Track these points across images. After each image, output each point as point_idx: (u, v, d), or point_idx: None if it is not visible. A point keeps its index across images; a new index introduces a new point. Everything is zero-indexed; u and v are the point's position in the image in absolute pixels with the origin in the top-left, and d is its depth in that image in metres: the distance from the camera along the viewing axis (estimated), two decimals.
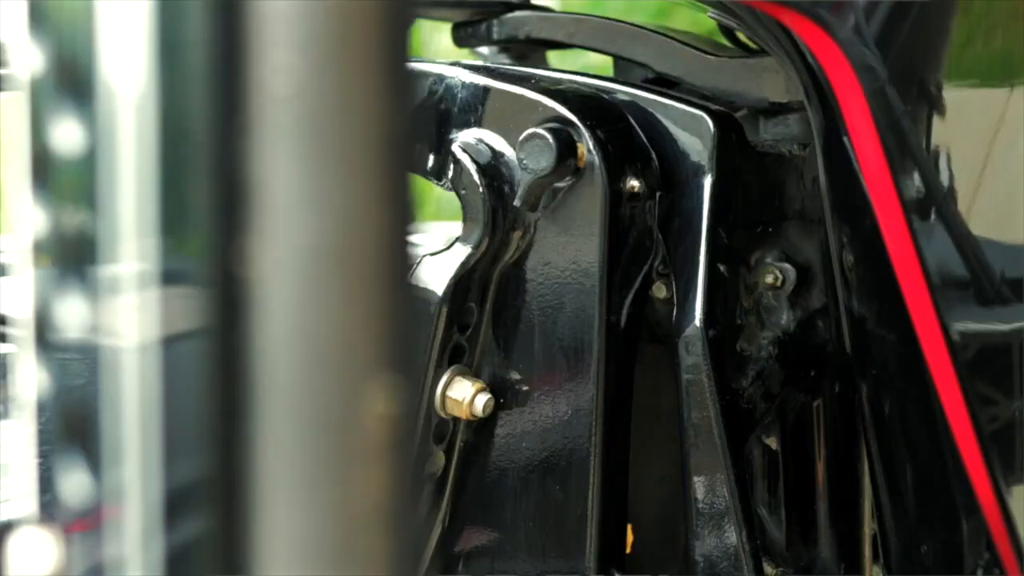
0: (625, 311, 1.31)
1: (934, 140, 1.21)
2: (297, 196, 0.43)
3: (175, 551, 0.46)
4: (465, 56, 1.65)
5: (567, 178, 1.23)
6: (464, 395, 1.27)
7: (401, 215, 0.44)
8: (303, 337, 0.43)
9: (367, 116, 0.43)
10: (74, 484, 0.50)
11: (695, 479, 1.26)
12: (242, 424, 0.44)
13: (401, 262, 0.44)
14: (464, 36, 1.60)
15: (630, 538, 1.41)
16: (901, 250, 1.17)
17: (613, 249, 1.25)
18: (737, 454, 1.26)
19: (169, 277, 0.47)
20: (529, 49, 1.64)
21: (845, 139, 1.18)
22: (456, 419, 1.31)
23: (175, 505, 0.46)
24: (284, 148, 0.43)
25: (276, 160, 0.43)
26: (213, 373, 0.44)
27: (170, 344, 0.47)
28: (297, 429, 0.43)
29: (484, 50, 1.68)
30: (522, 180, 1.23)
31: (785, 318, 1.33)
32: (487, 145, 1.27)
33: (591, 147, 1.23)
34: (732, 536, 1.25)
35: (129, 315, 0.47)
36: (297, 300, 0.43)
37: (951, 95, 1.22)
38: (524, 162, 1.22)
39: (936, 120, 1.21)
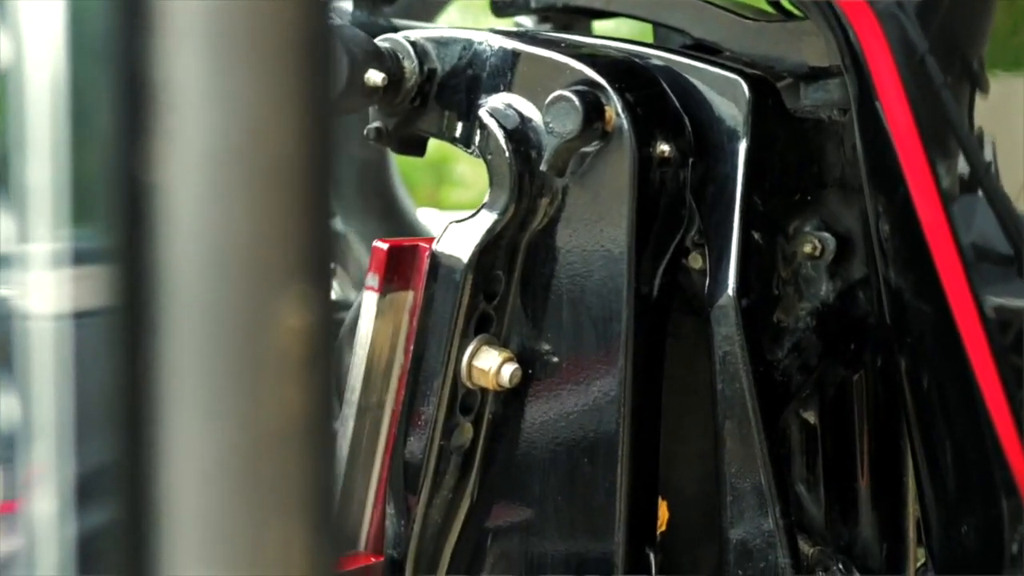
0: (657, 281, 1.28)
1: (975, 115, 1.17)
2: (204, 95, 0.41)
3: (85, 477, 0.44)
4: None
5: (594, 142, 1.20)
6: (491, 365, 1.24)
7: (317, 117, 0.42)
8: (210, 244, 0.40)
9: (280, 11, 0.41)
10: None
11: (728, 453, 1.23)
12: (147, 339, 0.41)
13: (317, 166, 0.42)
14: (502, 6, 1.58)
15: (665, 515, 1.37)
16: (934, 222, 1.13)
17: (643, 216, 1.22)
18: (771, 428, 1.22)
19: (81, 255, 0.45)
20: (570, 19, 1.61)
21: (877, 105, 1.14)
22: (484, 390, 1.28)
23: (83, 430, 0.44)
24: (190, 45, 0.41)
25: (182, 58, 0.41)
26: (118, 291, 0.42)
27: (83, 316, 0.46)
28: (203, 341, 0.41)
29: (526, 21, 1.65)
30: (548, 144, 1.20)
31: (824, 289, 1.29)
32: (515, 110, 1.24)
33: (619, 110, 1.20)
34: (766, 512, 1.21)
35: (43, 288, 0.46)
36: (204, 205, 0.41)
37: (995, 73, 1.18)
38: (550, 125, 1.19)
39: (978, 96, 1.17)
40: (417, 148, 1.39)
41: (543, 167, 1.20)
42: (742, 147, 1.24)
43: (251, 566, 0.42)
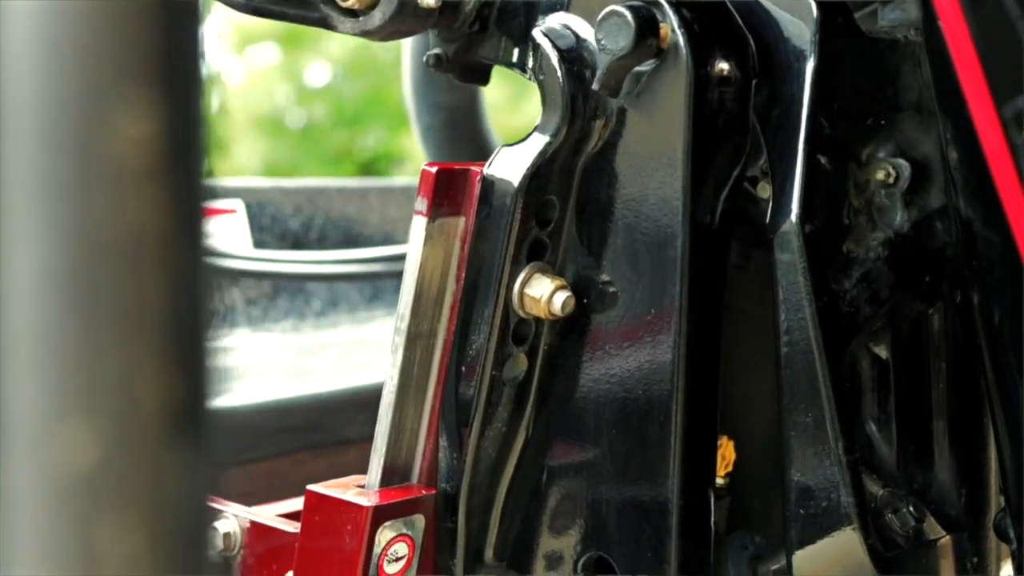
0: (719, 209, 1.23)
1: None
2: None
3: None
4: None
5: (649, 60, 1.15)
6: (542, 293, 1.21)
7: None
8: (37, 39, 0.38)
9: None
10: None
11: (789, 387, 1.17)
12: None
13: None
14: None
15: (732, 456, 1.32)
16: (996, 150, 1.06)
17: (699, 138, 1.17)
18: (836, 360, 1.17)
19: None
20: None
21: (941, 26, 1.08)
22: (538, 320, 1.25)
23: None
24: None
25: None
26: None
27: None
28: (31, 148, 0.38)
29: None
30: (600, 62, 1.16)
31: (899, 218, 1.23)
32: (570, 30, 1.20)
33: (675, 27, 1.15)
34: (828, 449, 1.16)
35: None
36: None
37: None
38: (602, 42, 1.15)
39: None
40: (480, 76, 1.35)
41: (595, 86, 1.16)
42: (809, 67, 1.18)
43: (86, 393, 0.39)
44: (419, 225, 1.21)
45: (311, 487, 1.25)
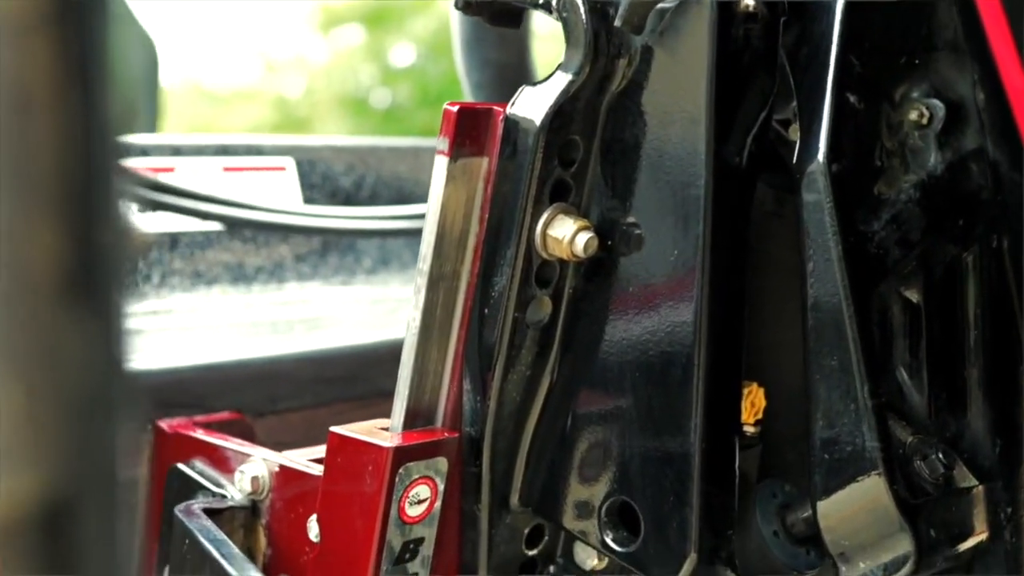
0: (746, 151, 1.21)
1: None
2: None
3: None
4: None
5: None
6: (565, 234, 1.19)
7: None
8: None
9: None
10: None
11: (815, 329, 1.15)
12: None
13: None
14: None
15: (762, 403, 1.30)
16: (1018, 90, 1.03)
17: (724, 76, 1.15)
18: (863, 302, 1.14)
19: None
20: None
21: None
22: (563, 263, 1.23)
23: None
24: None
25: None
26: None
27: None
28: None
29: None
30: None
31: (932, 159, 1.20)
32: None
33: None
34: (854, 392, 1.13)
35: None
36: None
37: None
38: None
39: None
40: (510, 19, 1.34)
41: (617, 22, 1.14)
42: (838, 3, 1.15)
43: None
44: (440, 165, 1.20)
45: (334, 429, 1.25)
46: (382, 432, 1.24)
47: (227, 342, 1.68)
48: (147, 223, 1.84)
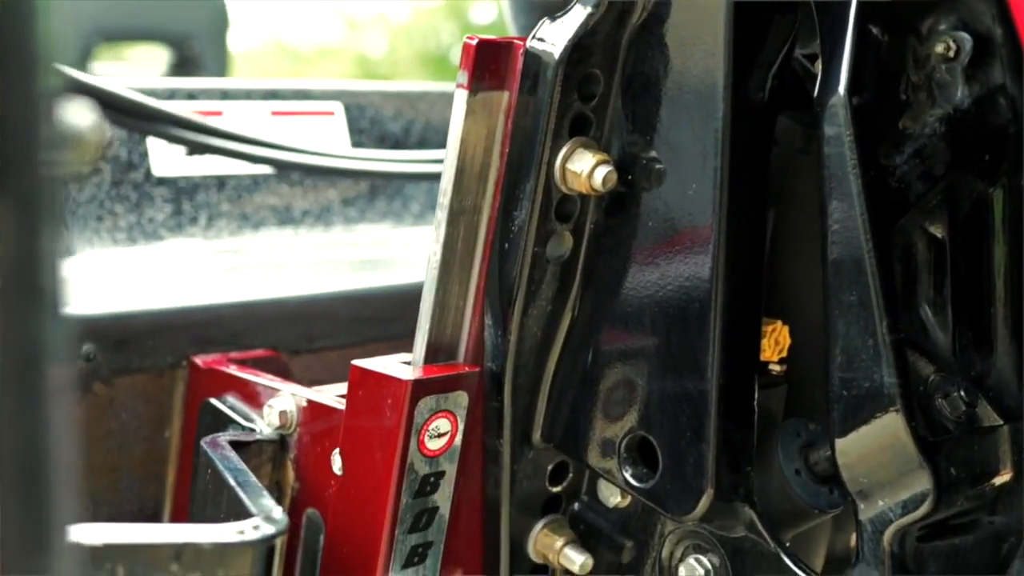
0: (768, 86, 1.19)
1: None
2: None
3: None
4: None
5: None
6: (584, 168, 1.19)
7: None
8: None
9: None
10: None
11: (834, 264, 1.13)
12: None
13: None
14: None
15: (787, 340, 1.29)
16: None
17: (744, 8, 1.13)
18: (883, 236, 1.12)
19: None
20: None
21: None
22: (584, 198, 1.23)
23: None
24: None
25: None
26: None
27: None
28: None
29: None
30: None
31: (959, 93, 1.17)
32: None
33: None
34: (872, 327, 1.12)
35: None
36: None
37: None
38: None
39: None
40: None
41: None
42: None
43: None
44: (460, 99, 1.20)
45: (355, 362, 1.26)
46: (403, 366, 1.25)
47: (264, 281, 1.69)
48: (102, 127, 1.86)
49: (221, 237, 1.89)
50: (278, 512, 1.07)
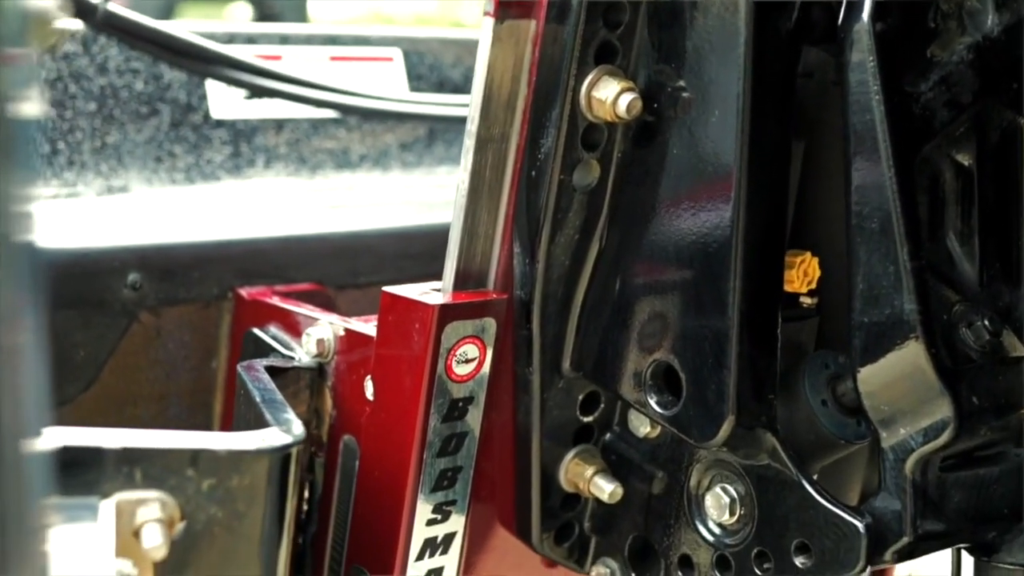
0: (794, 14, 1.19)
1: None
2: None
3: None
4: None
5: None
6: (608, 95, 1.20)
7: None
8: None
9: None
10: None
11: (856, 191, 1.13)
12: None
13: None
14: None
15: (816, 272, 1.29)
16: None
17: None
18: (905, 163, 1.12)
19: None
20: None
21: None
22: (611, 126, 1.24)
23: None
24: None
25: None
26: None
27: None
28: None
29: None
30: None
31: (989, 22, 1.16)
32: None
33: None
34: (893, 253, 1.11)
35: None
36: None
37: None
38: None
39: None
40: None
41: None
42: None
43: None
44: (487, 27, 1.21)
45: (386, 288, 1.28)
46: (432, 292, 1.27)
47: (309, 217, 1.72)
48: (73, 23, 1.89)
49: (278, 179, 1.92)
50: (297, 425, 1.09)
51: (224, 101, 1.91)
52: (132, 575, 0.94)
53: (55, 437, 0.97)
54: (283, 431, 1.06)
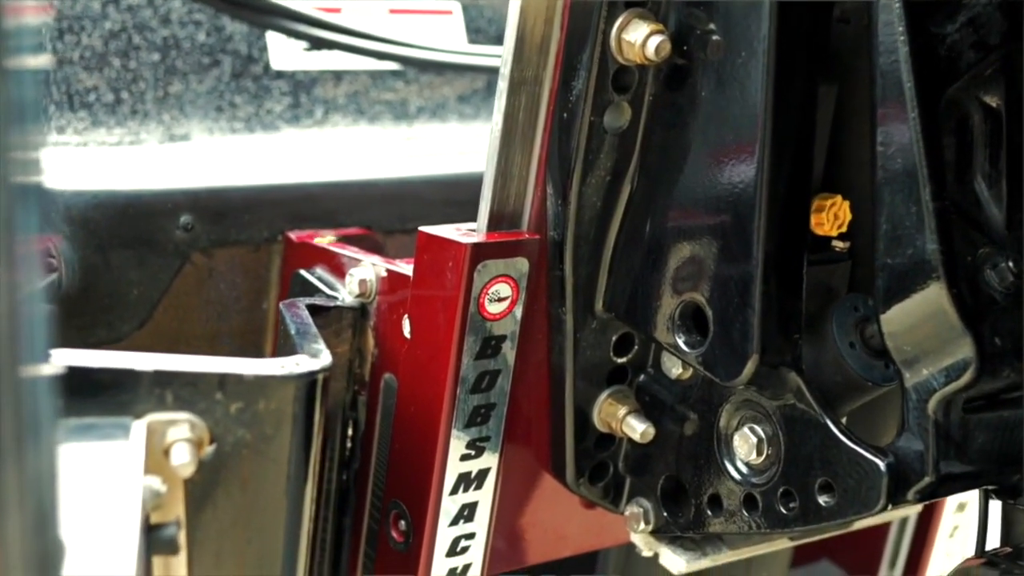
0: None
1: None
2: None
3: None
4: None
5: None
6: (638, 37, 1.21)
7: None
8: None
9: None
10: None
11: (881, 131, 1.14)
12: None
13: None
14: None
15: (848, 216, 1.30)
16: None
17: None
18: (930, 104, 1.12)
19: None
20: None
21: None
22: (641, 68, 1.26)
23: None
24: None
25: None
26: None
27: None
28: None
29: None
30: None
31: None
32: None
33: None
34: (916, 193, 1.12)
35: None
36: None
37: None
38: None
39: None
40: None
41: None
42: None
43: None
44: None
45: (422, 228, 1.31)
46: (466, 232, 1.30)
47: (359, 164, 1.75)
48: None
49: (336, 129, 1.96)
50: (325, 355, 1.12)
51: (284, 53, 1.95)
52: (161, 491, 0.98)
53: (91, 359, 1.01)
54: (310, 358, 1.09)
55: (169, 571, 1.06)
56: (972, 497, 1.77)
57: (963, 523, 1.88)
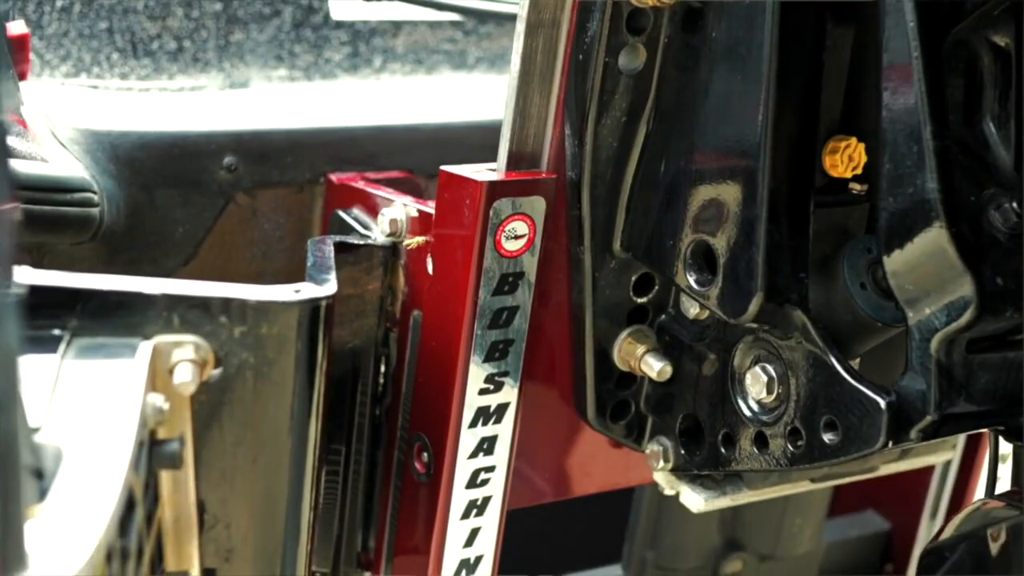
0: None
1: None
2: None
3: None
4: None
5: None
6: None
7: None
8: None
9: None
10: None
11: (885, 70, 1.14)
12: None
13: None
14: None
15: (863, 158, 1.30)
16: None
17: None
18: (933, 43, 1.12)
19: None
20: None
21: None
22: (656, 10, 1.27)
23: None
24: None
25: None
26: None
27: None
28: None
29: None
30: None
31: None
32: None
33: None
34: (917, 132, 1.12)
35: None
36: None
37: None
38: None
39: None
40: None
41: None
42: None
43: None
44: None
45: (444, 167, 1.34)
46: (485, 171, 1.33)
47: (401, 108, 1.79)
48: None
49: (393, 79, 2.00)
50: (331, 284, 1.16)
51: (344, 3, 1.99)
52: (163, 408, 1.03)
53: (100, 282, 1.06)
54: (315, 286, 1.14)
55: (177, 485, 1.11)
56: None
57: (1004, 474, 1.86)
